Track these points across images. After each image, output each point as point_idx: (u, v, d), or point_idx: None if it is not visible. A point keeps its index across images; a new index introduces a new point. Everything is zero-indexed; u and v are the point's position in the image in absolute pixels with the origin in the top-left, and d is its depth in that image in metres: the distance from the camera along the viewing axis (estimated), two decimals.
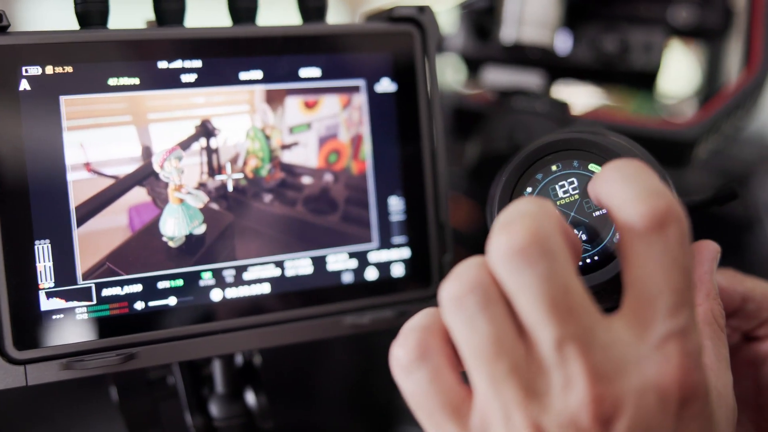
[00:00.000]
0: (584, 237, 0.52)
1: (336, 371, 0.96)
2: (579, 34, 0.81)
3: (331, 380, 0.96)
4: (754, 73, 0.79)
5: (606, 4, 0.82)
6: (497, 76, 0.80)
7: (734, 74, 0.86)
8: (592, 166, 0.52)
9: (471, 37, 0.82)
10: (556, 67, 0.81)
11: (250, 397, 0.64)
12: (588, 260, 0.51)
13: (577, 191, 0.52)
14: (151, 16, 0.60)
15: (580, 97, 0.89)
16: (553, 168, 0.53)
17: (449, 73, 0.88)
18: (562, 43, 0.81)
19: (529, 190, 0.53)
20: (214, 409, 0.63)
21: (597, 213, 0.52)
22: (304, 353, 0.93)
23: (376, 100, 0.63)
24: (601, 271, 0.51)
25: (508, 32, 0.78)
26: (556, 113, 0.77)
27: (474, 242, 0.80)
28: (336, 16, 0.63)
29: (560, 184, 0.53)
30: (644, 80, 0.82)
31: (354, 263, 0.63)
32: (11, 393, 0.55)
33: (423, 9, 0.64)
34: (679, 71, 0.96)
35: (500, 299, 0.41)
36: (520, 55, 0.79)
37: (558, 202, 0.52)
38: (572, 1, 0.80)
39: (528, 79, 0.79)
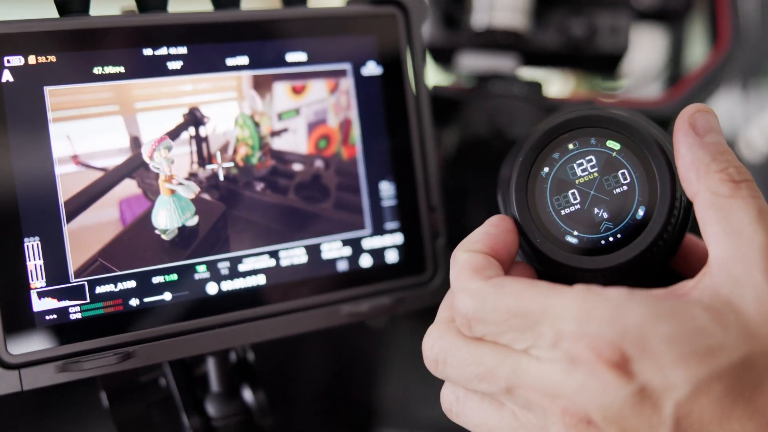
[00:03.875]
0: (606, 215, 0.51)
1: (313, 373, 0.95)
2: (546, 19, 0.81)
3: (309, 382, 0.95)
4: (722, 51, 0.79)
5: None
6: (472, 61, 0.79)
7: (696, 56, 0.87)
8: (609, 143, 0.51)
9: (440, 26, 0.82)
10: (527, 52, 0.80)
11: (248, 395, 0.62)
12: (611, 238, 0.50)
13: (596, 169, 0.51)
14: (127, 3, 0.58)
15: (547, 82, 0.89)
16: (570, 146, 0.52)
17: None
18: (532, 28, 0.81)
19: (546, 170, 0.52)
20: (211, 408, 0.61)
21: (618, 190, 0.51)
22: (280, 356, 0.91)
23: (362, 84, 0.62)
24: (626, 249, 0.50)
25: (480, 18, 0.78)
26: (533, 96, 0.77)
27: (449, 237, 0.80)
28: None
29: (578, 162, 0.52)
30: (611, 63, 0.83)
31: (348, 251, 0.61)
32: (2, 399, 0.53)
33: None
34: (640, 55, 0.97)
35: None
36: (492, 41, 0.79)
37: (577, 181, 0.51)
38: None
39: (502, 63, 0.79)
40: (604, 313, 0.42)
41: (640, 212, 0.50)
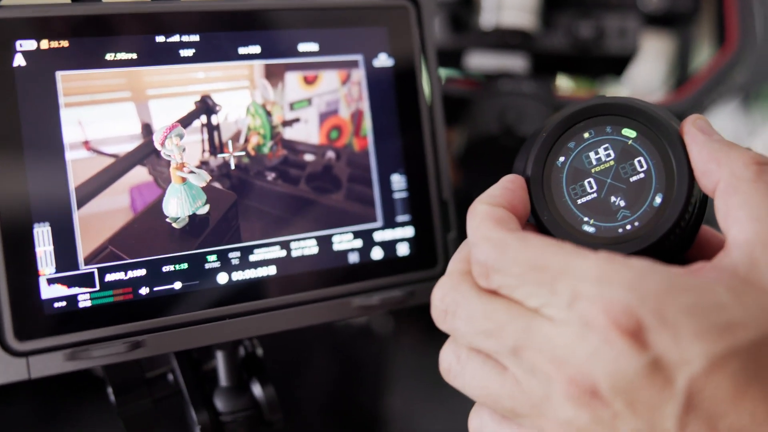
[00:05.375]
0: (623, 203, 0.50)
1: (317, 379, 0.94)
2: (554, 21, 0.81)
3: (313, 388, 0.94)
4: (730, 51, 0.79)
5: None
6: (481, 61, 0.79)
7: (703, 59, 0.87)
8: (625, 131, 0.51)
9: (448, 28, 0.81)
10: (535, 54, 0.80)
11: (257, 390, 0.61)
12: (628, 226, 0.50)
13: (611, 157, 0.51)
14: None
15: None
16: (586, 135, 0.51)
17: None
18: (540, 29, 0.81)
19: (561, 159, 0.51)
20: (220, 403, 0.61)
21: (634, 178, 0.50)
22: (285, 360, 0.90)
23: (374, 76, 0.62)
24: (644, 236, 0.49)
25: (488, 17, 0.78)
26: (542, 93, 0.76)
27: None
28: None
29: (594, 150, 0.51)
30: (619, 65, 0.82)
31: (359, 243, 0.61)
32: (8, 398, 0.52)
33: None
34: (646, 60, 0.97)
35: None
36: (501, 40, 0.79)
37: (593, 170, 0.51)
38: None
39: (511, 62, 0.79)
40: (625, 278, 0.41)
41: (658, 199, 0.49)
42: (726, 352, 0.40)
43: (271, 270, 0.58)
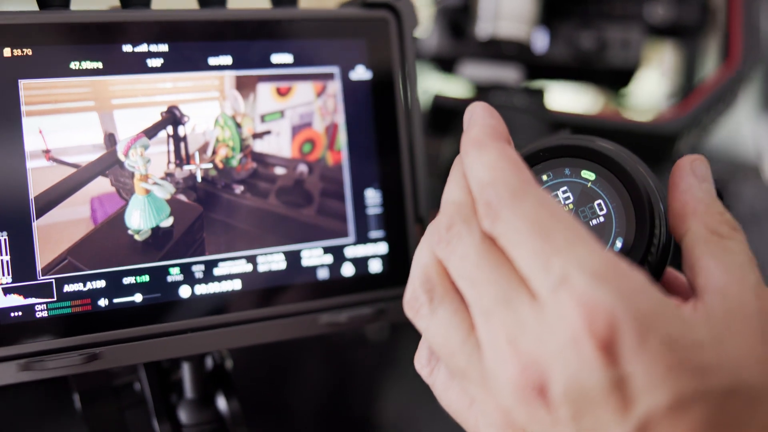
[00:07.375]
0: None
1: (310, 386, 0.93)
2: (555, 32, 0.80)
3: (305, 395, 0.93)
4: (733, 67, 0.77)
5: (581, 2, 0.80)
6: (474, 71, 0.77)
7: (710, 71, 0.85)
8: (584, 173, 0.49)
9: (446, 35, 0.80)
10: (532, 64, 0.79)
11: (222, 403, 0.61)
12: None
13: (570, 200, 0.49)
14: (113, 2, 0.57)
15: (556, 95, 0.87)
16: (544, 178, 0.50)
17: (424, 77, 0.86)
18: (540, 41, 0.79)
19: None
20: (183, 415, 0.60)
21: (594, 221, 0.48)
22: (276, 367, 0.90)
23: (351, 88, 0.60)
24: None
25: (484, 27, 0.76)
26: (534, 107, 0.75)
27: None
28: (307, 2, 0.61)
29: (552, 194, 0.49)
30: (622, 77, 0.80)
31: (329, 258, 0.60)
32: None
33: None
34: (652, 70, 0.95)
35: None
36: (496, 50, 0.77)
37: None
38: None
39: (505, 73, 0.77)
40: (620, 285, 0.38)
41: (618, 243, 0.48)
42: (694, 395, 0.37)
43: (236, 284, 0.57)
